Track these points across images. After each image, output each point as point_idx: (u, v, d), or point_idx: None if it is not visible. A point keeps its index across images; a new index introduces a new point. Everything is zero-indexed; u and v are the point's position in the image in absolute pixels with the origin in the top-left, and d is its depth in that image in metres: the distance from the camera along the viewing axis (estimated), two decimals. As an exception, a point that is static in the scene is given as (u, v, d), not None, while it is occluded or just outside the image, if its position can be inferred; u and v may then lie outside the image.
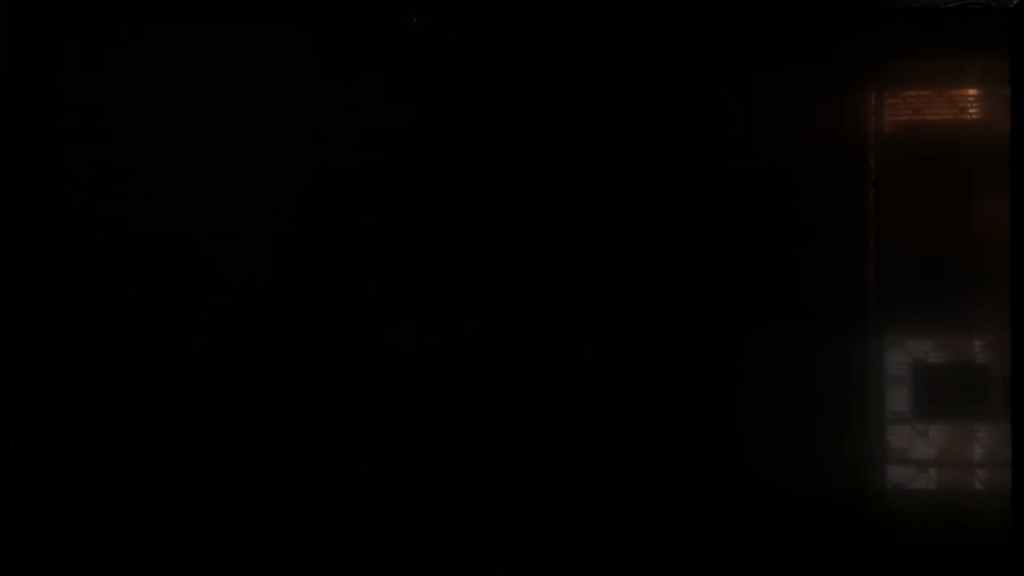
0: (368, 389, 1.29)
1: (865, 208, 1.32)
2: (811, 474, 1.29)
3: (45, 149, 1.30)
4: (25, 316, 1.29)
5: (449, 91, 1.31)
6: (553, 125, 1.30)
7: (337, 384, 1.29)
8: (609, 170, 1.30)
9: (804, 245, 1.31)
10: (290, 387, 1.29)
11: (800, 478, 1.29)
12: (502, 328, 1.29)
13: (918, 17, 1.35)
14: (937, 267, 1.32)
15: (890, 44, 1.34)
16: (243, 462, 1.29)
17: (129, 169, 1.30)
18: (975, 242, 1.31)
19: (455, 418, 1.29)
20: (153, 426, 1.28)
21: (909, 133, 1.34)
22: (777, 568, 1.29)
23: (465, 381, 1.29)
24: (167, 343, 1.29)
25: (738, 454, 1.29)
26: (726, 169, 1.31)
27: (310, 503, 1.28)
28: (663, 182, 1.31)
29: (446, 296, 1.30)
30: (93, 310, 1.29)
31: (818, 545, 1.29)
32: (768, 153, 1.31)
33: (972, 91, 1.34)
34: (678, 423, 1.29)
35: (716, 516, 1.29)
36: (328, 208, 1.30)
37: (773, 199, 1.31)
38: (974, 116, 1.34)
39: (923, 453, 1.31)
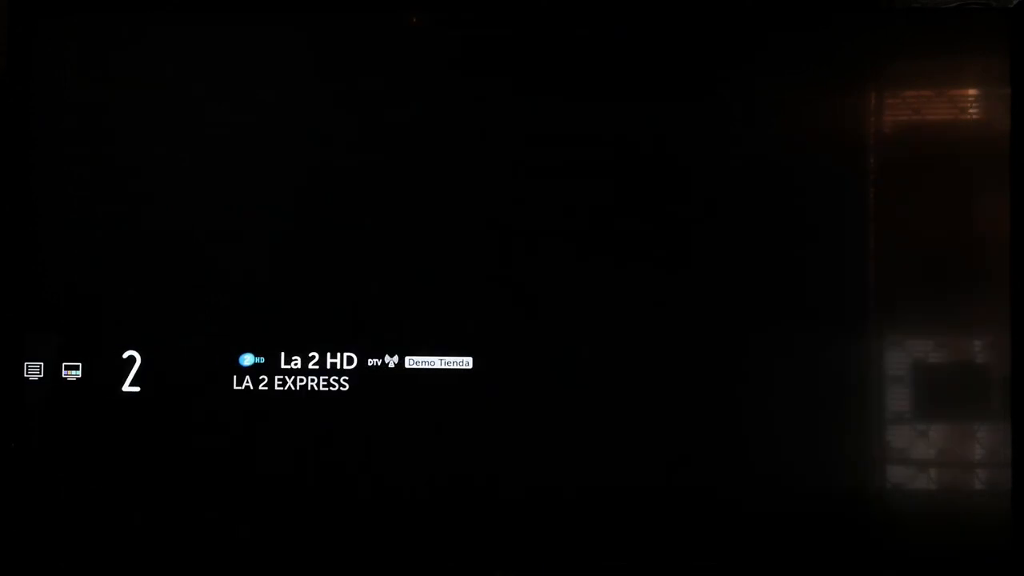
0: (367, 389, 1.29)
1: (865, 208, 1.32)
2: (811, 474, 1.29)
3: (45, 149, 1.30)
4: (25, 316, 1.29)
5: (449, 91, 1.31)
6: (553, 125, 1.30)
7: (336, 384, 1.29)
8: (609, 170, 1.30)
9: (804, 245, 1.31)
10: (290, 386, 1.29)
11: (800, 478, 1.29)
12: (501, 328, 1.29)
13: (918, 17, 1.35)
14: (937, 267, 1.32)
15: (890, 44, 1.34)
16: (243, 462, 1.29)
17: (129, 169, 1.30)
18: (975, 242, 1.31)
19: (454, 418, 1.29)
20: (153, 426, 1.29)
21: (909, 133, 1.34)
22: (777, 568, 1.29)
23: (464, 381, 1.29)
24: (168, 342, 1.29)
25: (738, 454, 1.29)
26: (726, 169, 1.31)
27: (310, 503, 1.29)
28: (663, 182, 1.31)
29: (446, 296, 1.30)
30: (93, 310, 1.29)
31: (818, 545, 1.29)
32: (768, 153, 1.31)
33: (972, 91, 1.34)
34: (678, 423, 1.29)
35: (716, 516, 1.29)
36: (328, 208, 1.30)
37: (773, 199, 1.31)
38: (974, 116, 1.34)
39: (923, 453, 1.31)
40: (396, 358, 1.29)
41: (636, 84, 1.31)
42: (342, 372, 1.29)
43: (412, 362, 1.29)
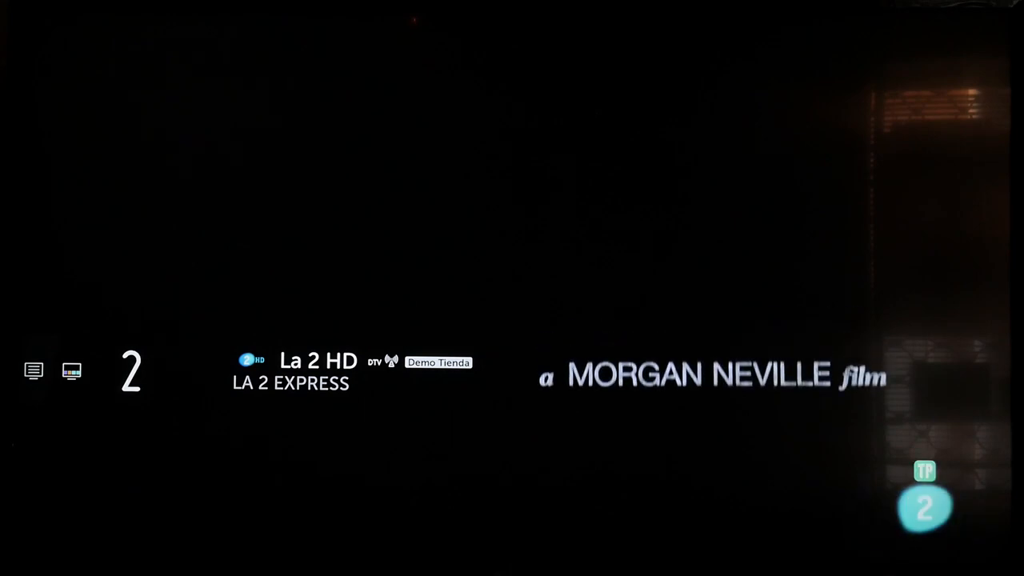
0: (367, 389, 1.29)
1: (865, 208, 1.32)
2: (811, 474, 1.29)
3: (46, 149, 1.30)
4: (25, 316, 1.29)
5: (449, 91, 1.31)
6: (553, 124, 1.30)
7: (336, 384, 1.29)
8: (608, 170, 1.30)
9: (804, 245, 1.31)
10: (290, 386, 1.29)
11: (800, 478, 1.29)
12: (501, 328, 1.29)
13: (918, 17, 1.35)
14: (937, 267, 1.32)
15: (890, 44, 1.34)
16: (243, 462, 1.29)
17: (130, 169, 1.30)
18: (975, 242, 1.32)
19: (454, 418, 1.29)
20: (153, 426, 1.29)
21: (909, 133, 1.34)
22: (777, 568, 1.29)
23: (464, 381, 1.29)
24: (168, 342, 1.29)
25: (737, 453, 1.29)
26: (727, 169, 1.31)
27: (310, 503, 1.29)
28: (663, 181, 1.31)
29: (446, 296, 1.30)
30: (93, 310, 1.29)
31: (818, 545, 1.29)
32: (768, 153, 1.31)
33: (972, 91, 1.34)
34: (678, 422, 1.29)
35: (716, 516, 1.29)
36: (328, 208, 1.30)
37: (773, 199, 1.31)
38: (974, 116, 1.34)
39: (923, 453, 1.31)
40: (396, 358, 1.29)
41: (636, 83, 1.31)
42: (342, 372, 1.29)
43: (412, 362, 1.29)
